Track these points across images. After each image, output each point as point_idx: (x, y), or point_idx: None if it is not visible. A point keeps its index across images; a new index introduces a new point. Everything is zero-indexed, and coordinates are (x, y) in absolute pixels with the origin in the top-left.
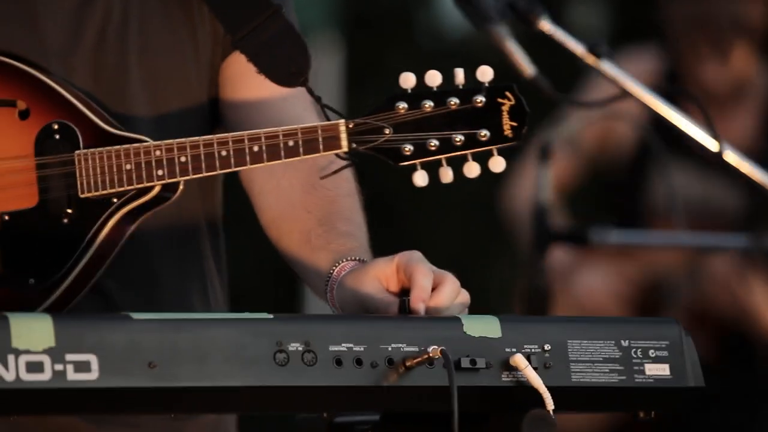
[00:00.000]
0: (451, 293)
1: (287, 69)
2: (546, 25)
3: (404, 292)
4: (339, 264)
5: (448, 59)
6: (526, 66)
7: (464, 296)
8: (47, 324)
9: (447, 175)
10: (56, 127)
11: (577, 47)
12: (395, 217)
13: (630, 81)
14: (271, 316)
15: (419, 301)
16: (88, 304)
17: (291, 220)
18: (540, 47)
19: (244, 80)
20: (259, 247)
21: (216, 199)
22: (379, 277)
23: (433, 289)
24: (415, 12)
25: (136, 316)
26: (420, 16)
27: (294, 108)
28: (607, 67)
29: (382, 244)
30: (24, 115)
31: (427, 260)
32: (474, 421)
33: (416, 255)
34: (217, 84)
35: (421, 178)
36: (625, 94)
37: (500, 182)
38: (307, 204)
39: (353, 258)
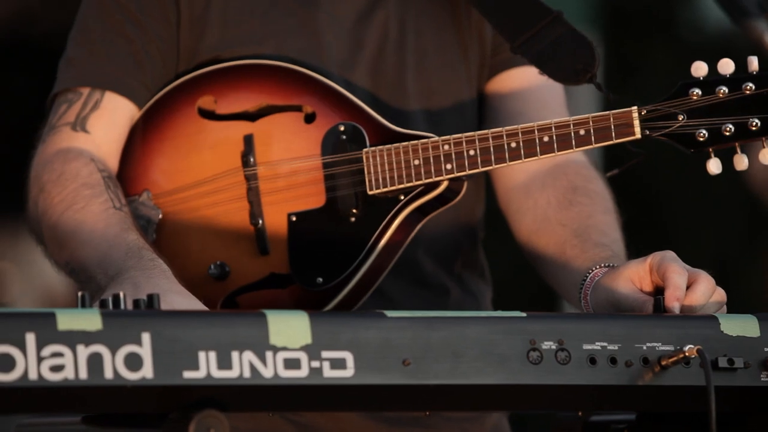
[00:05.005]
0: (706, 291)
1: (572, 67)
2: None
3: (658, 292)
4: (593, 270)
5: (709, 54)
6: None
7: (720, 294)
8: (304, 321)
9: (742, 162)
10: (342, 128)
11: None
12: (654, 218)
13: None
14: (524, 314)
15: (674, 300)
16: (373, 306)
17: (546, 234)
18: None
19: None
20: (513, 247)
21: (481, 199)
22: (632, 278)
23: (688, 288)
24: (676, 6)
25: (389, 314)
26: (680, 10)
27: (549, 103)
28: None
29: (642, 244)
30: (310, 118)
31: (682, 260)
32: (732, 422)
33: (669, 254)
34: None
35: (715, 166)
36: None
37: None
38: (563, 219)
39: (607, 265)
